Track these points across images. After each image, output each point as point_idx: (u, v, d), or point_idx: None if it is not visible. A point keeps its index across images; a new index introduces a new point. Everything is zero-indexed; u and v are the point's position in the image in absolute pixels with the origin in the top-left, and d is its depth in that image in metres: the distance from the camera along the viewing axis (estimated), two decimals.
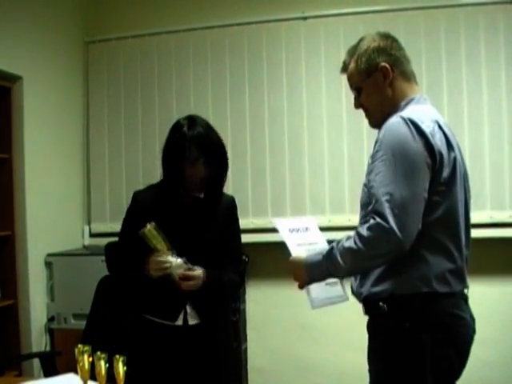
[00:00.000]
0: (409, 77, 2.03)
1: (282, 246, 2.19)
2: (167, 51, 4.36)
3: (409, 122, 1.82)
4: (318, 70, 4.05)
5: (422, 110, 1.93)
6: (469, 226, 1.99)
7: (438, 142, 1.84)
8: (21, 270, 3.78)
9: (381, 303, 1.87)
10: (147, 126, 4.36)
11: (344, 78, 2.13)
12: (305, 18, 4.12)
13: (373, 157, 1.87)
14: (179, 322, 2.42)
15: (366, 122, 2.11)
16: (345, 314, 2.01)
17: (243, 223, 4.02)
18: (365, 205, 1.93)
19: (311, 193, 4.10)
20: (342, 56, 2.19)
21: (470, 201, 2.03)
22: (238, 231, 2.64)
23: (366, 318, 2.08)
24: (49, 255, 3.95)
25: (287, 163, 4.15)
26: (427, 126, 1.84)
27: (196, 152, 2.37)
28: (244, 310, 4.15)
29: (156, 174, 4.10)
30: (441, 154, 1.83)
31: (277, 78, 4.18)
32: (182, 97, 4.32)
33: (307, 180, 4.11)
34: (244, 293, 4.16)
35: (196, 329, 2.44)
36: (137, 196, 2.53)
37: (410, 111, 1.91)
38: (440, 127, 1.89)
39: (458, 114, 3.82)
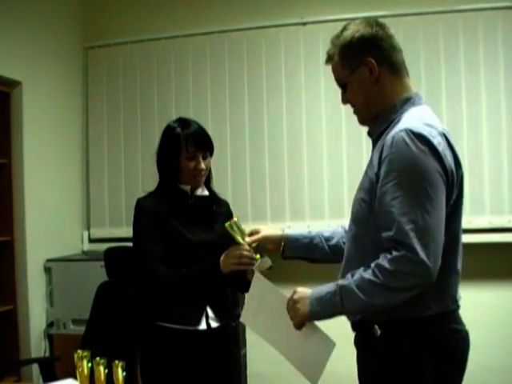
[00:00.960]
0: (398, 69, 1.83)
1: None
2: (166, 57, 4.36)
3: (420, 139, 1.65)
4: (316, 75, 4.06)
5: (426, 118, 1.75)
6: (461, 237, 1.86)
7: (449, 159, 1.69)
8: (20, 276, 3.77)
9: (376, 326, 1.75)
10: (146, 132, 4.36)
11: None
12: (304, 24, 4.14)
13: (383, 178, 1.69)
14: (202, 325, 2.39)
15: (364, 127, 2.08)
16: (344, 321, 2.01)
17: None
18: (359, 221, 1.81)
19: (310, 198, 4.10)
20: None
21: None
22: None
23: None
24: (48, 260, 3.95)
25: (286, 168, 4.15)
26: (438, 143, 1.67)
27: (193, 147, 2.40)
28: None
29: (155, 179, 4.12)
30: (452, 174, 1.69)
31: (276, 84, 4.18)
32: (182, 102, 4.33)
33: (306, 185, 4.11)
34: (243, 298, 4.15)
35: (218, 331, 2.43)
36: (142, 202, 2.46)
37: (414, 120, 1.73)
38: (447, 140, 1.73)
39: (457, 118, 3.83)
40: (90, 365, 1.99)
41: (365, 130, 2.03)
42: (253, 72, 4.23)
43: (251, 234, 2.21)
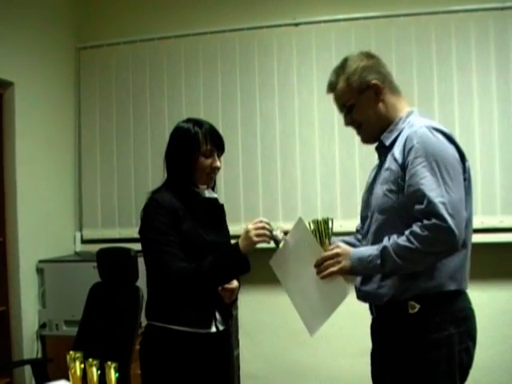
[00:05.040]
0: (396, 90, 2.19)
1: (274, 252, 2.20)
2: (159, 57, 4.36)
3: (439, 131, 2.00)
4: (309, 75, 4.07)
5: (433, 122, 2.08)
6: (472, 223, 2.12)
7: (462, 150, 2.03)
8: (12, 277, 3.76)
9: (412, 302, 1.96)
10: (139, 132, 4.36)
11: None
12: (296, 25, 4.14)
13: (411, 163, 1.96)
14: (213, 328, 2.38)
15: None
16: (338, 320, 2.01)
17: (235, 229, 4.06)
18: (386, 210, 2.03)
19: (303, 199, 4.10)
20: (334, 62, 2.21)
21: None
22: None
23: (359, 323, 2.08)
24: (40, 262, 3.93)
25: (279, 169, 4.16)
26: (453, 136, 2.03)
27: (211, 145, 2.38)
28: (236, 316, 4.15)
29: (147, 180, 4.13)
30: (464, 162, 2.02)
31: (268, 84, 4.19)
32: (174, 103, 4.32)
33: (299, 186, 4.12)
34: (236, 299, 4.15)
35: (223, 334, 2.43)
36: (158, 198, 2.37)
37: (425, 122, 2.05)
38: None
39: (449, 120, 3.84)
40: (82, 366, 1.98)
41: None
42: (245, 72, 4.23)
43: None
